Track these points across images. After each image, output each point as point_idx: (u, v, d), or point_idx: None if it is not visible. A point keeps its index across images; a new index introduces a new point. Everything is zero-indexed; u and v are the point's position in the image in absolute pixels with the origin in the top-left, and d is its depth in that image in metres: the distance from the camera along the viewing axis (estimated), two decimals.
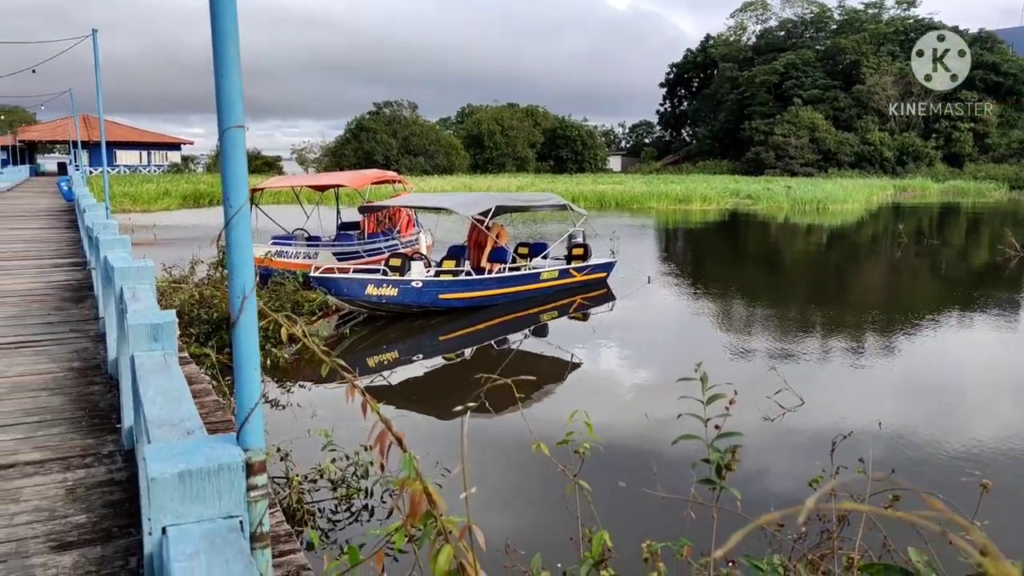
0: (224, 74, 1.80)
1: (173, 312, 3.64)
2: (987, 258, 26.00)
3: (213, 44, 1.79)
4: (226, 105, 1.81)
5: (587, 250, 18.17)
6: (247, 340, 1.88)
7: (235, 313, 1.85)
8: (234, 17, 1.80)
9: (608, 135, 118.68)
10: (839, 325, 14.72)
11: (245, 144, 1.85)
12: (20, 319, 9.06)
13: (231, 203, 1.83)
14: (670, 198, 48.13)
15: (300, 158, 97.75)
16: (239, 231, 1.85)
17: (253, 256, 1.89)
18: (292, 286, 12.01)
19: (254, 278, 1.87)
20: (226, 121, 1.82)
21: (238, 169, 1.84)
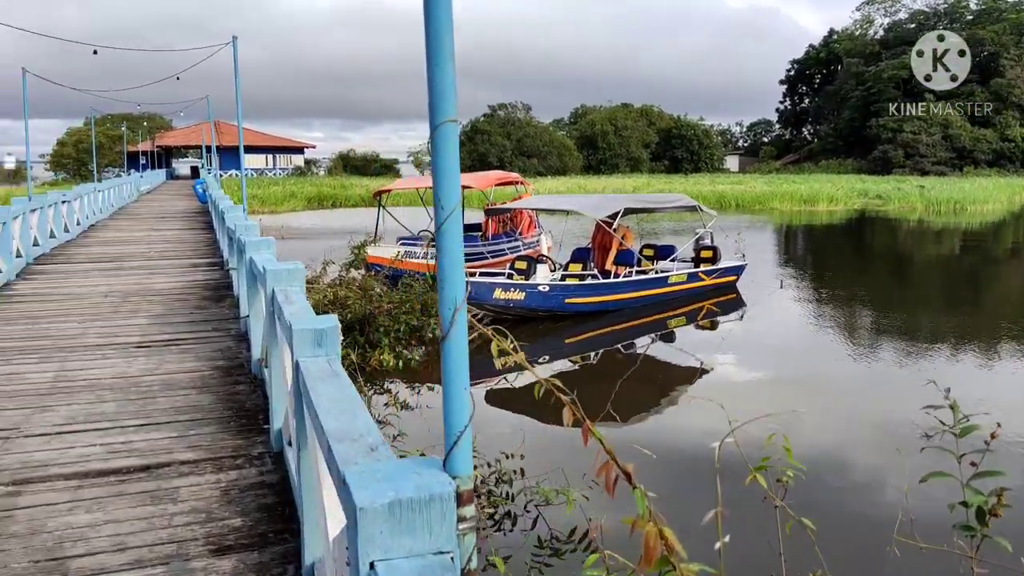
0: (438, 66, 1.64)
1: (335, 317, 3.56)
2: None
3: (426, 36, 1.64)
4: (439, 98, 1.65)
5: (716, 252, 17.58)
6: (457, 356, 1.71)
7: (445, 326, 1.69)
8: (449, 8, 1.63)
9: (725, 134, 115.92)
10: (998, 335, 13.68)
11: (457, 141, 1.68)
12: (166, 317, 9.40)
13: (443, 205, 1.66)
14: (794, 199, 46.42)
15: (416, 161, 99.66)
16: (450, 236, 1.68)
17: (463, 264, 1.72)
18: (422, 288, 12.06)
19: (465, 288, 1.70)
20: (439, 116, 1.65)
21: (450, 167, 1.67)
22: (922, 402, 7.97)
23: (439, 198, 1.67)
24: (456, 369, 1.71)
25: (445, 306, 1.70)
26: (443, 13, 1.63)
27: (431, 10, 1.63)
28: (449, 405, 1.72)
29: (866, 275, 22.31)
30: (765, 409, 9.04)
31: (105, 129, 69.57)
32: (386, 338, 10.64)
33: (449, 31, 1.64)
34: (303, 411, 3.33)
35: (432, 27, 1.63)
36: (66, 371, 6.95)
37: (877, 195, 48.49)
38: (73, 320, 9.19)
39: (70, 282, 12.06)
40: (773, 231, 34.79)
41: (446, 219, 1.67)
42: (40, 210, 15.29)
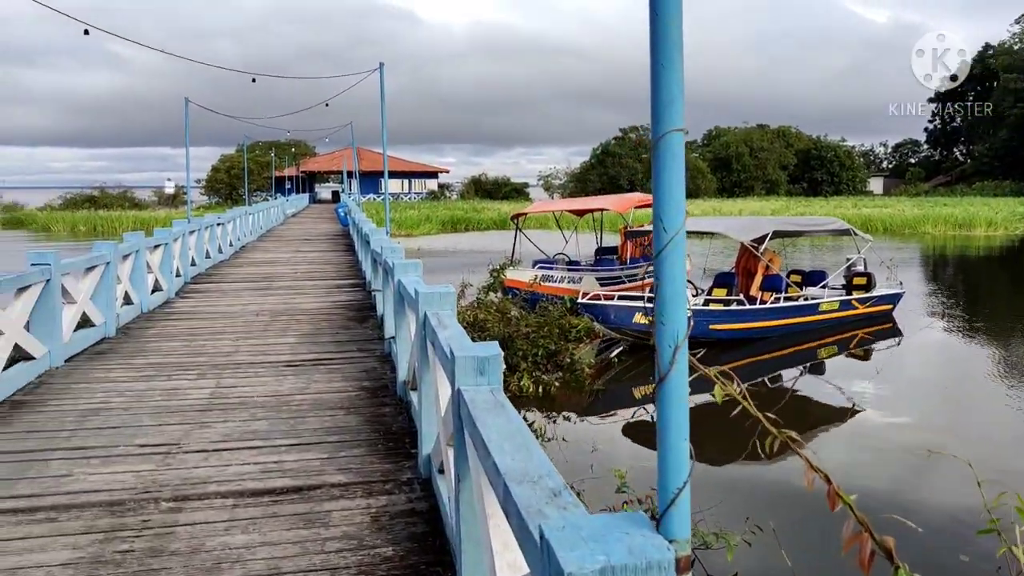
0: (664, 68, 1.44)
1: (496, 345, 3.40)
2: None
3: (652, 31, 1.44)
4: (664, 105, 1.44)
5: (871, 279, 16.54)
6: (677, 401, 1.48)
7: (664, 366, 1.46)
8: (679, 9, 1.42)
9: (867, 155, 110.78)
10: None
11: (683, 153, 1.46)
12: (313, 337, 9.60)
13: (665, 226, 1.44)
14: (948, 223, 43.61)
15: (546, 184, 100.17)
16: (671, 264, 1.46)
17: (686, 296, 1.49)
18: (559, 312, 11.90)
19: (687, 323, 1.47)
20: (663, 124, 1.45)
21: (674, 184, 1.46)
22: None
23: (660, 219, 1.46)
24: (675, 417, 1.48)
25: (663, 342, 1.48)
26: (672, 10, 1.42)
27: (658, 10, 1.42)
28: (666, 458, 1.49)
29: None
30: (923, 455, 8.32)
31: (255, 155, 73.55)
32: (524, 362, 10.50)
33: (678, 25, 1.43)
34: (463, 441, 3.18)
35: (660, 20, 1.43)
36: (221, 388, 7.14)
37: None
38: (227, 338, 9.51)
39: (223, 301, 12.58)
40: (926, 257, 32.73)
41: (668, 243, 1.45)
42: (197, 232, 16.12)
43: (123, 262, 10.51)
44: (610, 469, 5.87)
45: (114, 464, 5.19)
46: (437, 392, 4.65)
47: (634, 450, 9.03)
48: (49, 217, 57.13)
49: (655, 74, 1.44)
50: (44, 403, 6.70)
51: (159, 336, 9.67)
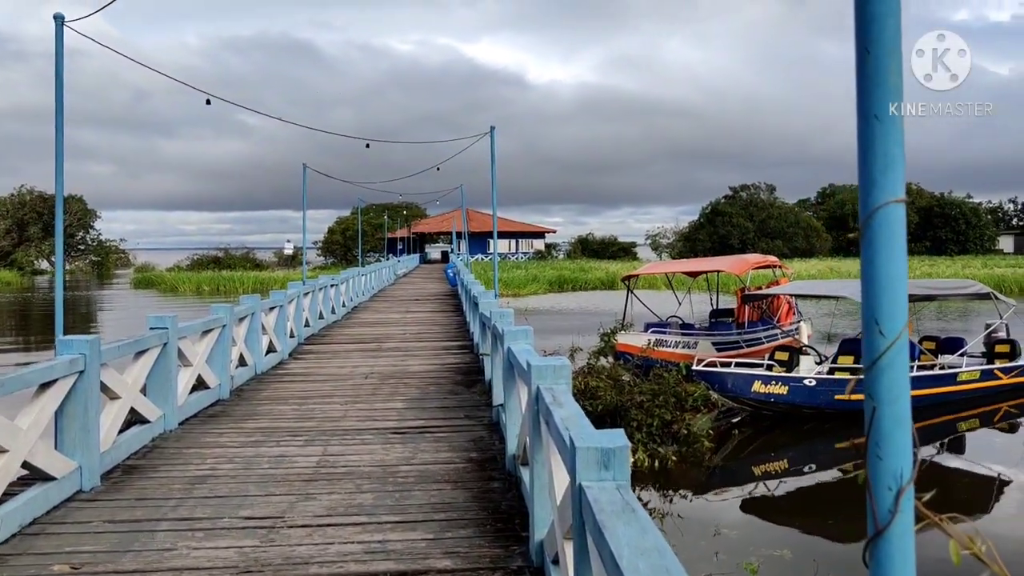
0: (881, 123, 1.09)
1: (623, 434, 3.04)
2: None
3: (860, 84, 1.12)
4: (879, 171, 1.11)
5: (1015, 347, 15.22)
6: (901, 563, 1.10)
7: (882, 516, 1.10)
8: (897, 46, 1.09)
9: (995, 212, 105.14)
10: None
11: (904, 230, 1.11)
12: (421, 402, 9.42)
13: (883, 329, 1.09)
14: None
15: (654, 243, 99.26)
16: (892, 377, 1.10)
17: (911, 421, 1.12)
18: (674, 378, 11.38)
19: (915, 459, 1.10)
20: (877, 195, 1.10)
21: (893, 270, 1.11)
22: None
23: (876, 320, 1.11)
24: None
25: (881, 483, 1.11)
26: (888, 40, 1.09)
27: (871, 45, 1.09)
28: None
29: None
30: None
31: (368, 218, 75.87)
32: (638, 433, 10.01)
33: (897, 66, 1.09)
34: (585, 546, 2.82)
35: (872, 61, 1.09)
36: (329, 456, 6.99)
37: None
38: (336, 401, 9.44)
39: (334, 362, 12.63)
40: None
41: (886, 351, 1.10)
42: (311, 293, 16.40)
43: (239, 324, 10.66)
44: (739, 563, 5.32)
45: (218, 538, 5.04)
46: (551, 474, 4.30)
47: (758, 533, 8.36)
48: (176, 277, 60.15)
49: (865, 131, 1.11)
50: (155, 468, 6.69)
51: (271, 399, 9.69)
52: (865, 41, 1.10)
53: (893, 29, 1.08)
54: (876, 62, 1.09)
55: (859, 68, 1.11)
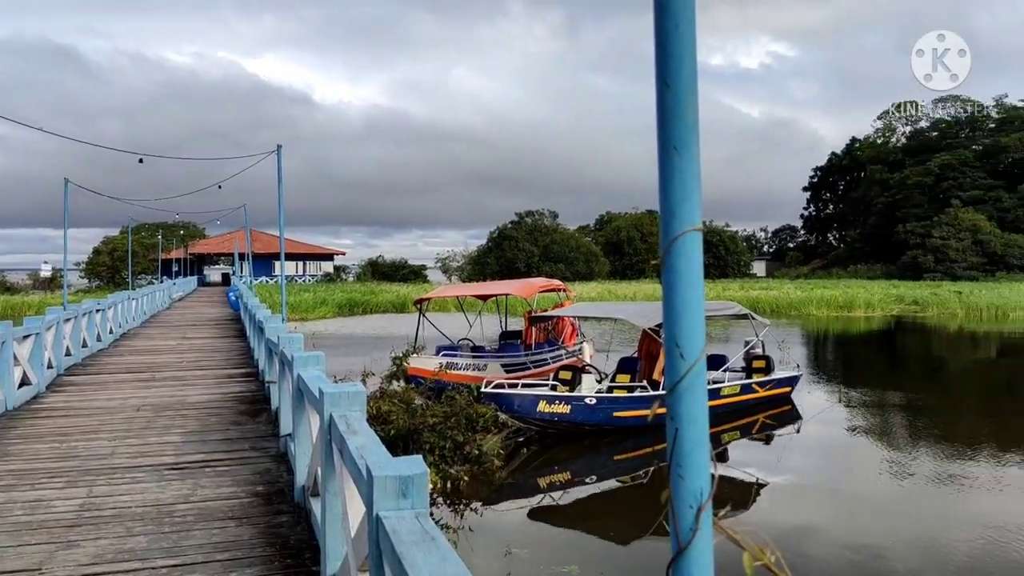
0: (680, 155, 1.14)
1: (421, 460, 2.99)
2: None
3: (661, 116, 1.16)
4: (678, 200, 1.16)
5: (769, 362, 16.80)
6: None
7: (684, 534, 1.13)
8: (694, 83, 1.15)
9: (750, 240, 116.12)
10: None
11: (700, 257, 1.17)
12: (201, 434, 8.86)
13: (683, 352, 1.14)
14: (830, 305, 45.60)
15: (444, 266, 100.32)
16: (692, 399, 1.15)
17: (708, 443, 1.18)
18: (465, 400, 11.47)
19: (713, 478, 1.16)
20: (678, 223, 1.15)
21: (690, 295, 1.16)
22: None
23: (677, 342, 1.15)
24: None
25: (682, 502, 1.15)
26: (686, 77, 1.14)
27: (671, 82, 1.14)
28: None
29: (926, 389, 21.34)
30: (829, 542, 8.20)
31: (140, 237, 70.90)
32: (431, 455, 9.99)
33: (693, 102, 1.15)
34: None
35: (671, 95, 1.14)
36: (94, 497, 6.39)
37: (914, 301, 47.57)
38: (103, 437, 8.67)
39: (101, 394, 11.60)
40: (816, 338, 33.95)
41: (687, 374, 1.14)
42: (74, 319, 15.01)
43: None
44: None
45: None
46: (345, 505, 4.17)
47: (547, 550, 8.57)
48: None
49: (665, 162, 1.15)
50: None
51: (24, 437, 8.72)
52: (665, 76, 1.14)
53: (690, 65, 1.14)
54: (675, 96, 1.14)
55: (659, 102, 1.16)
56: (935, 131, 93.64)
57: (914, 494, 10.75)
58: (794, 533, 8.96)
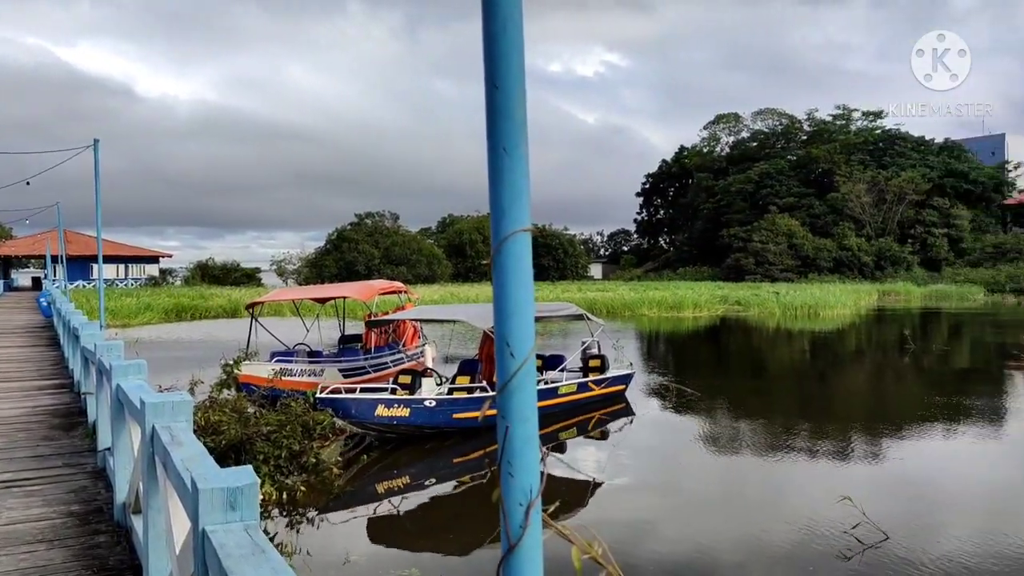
0: (509, 156, 1.15)
1: (251, 470, 2.87)
2: (1001, 361, 25.65)
3: (491, 118, 1.16)
4: (508, 201, 1.16)
5: (604, 361, 17.38)
6: (532, 574, 1.16)
7: (514, 531, 1.14)
8: (522, 83, 1.16)
9: (587, 243, 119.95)
10: (900, 442, 13.94)
11: (530, 257, 1.18)
12: (8, 451, 8.15)
13: (513, 351, 1.14)
14: (661, 305, 47.80)
15: (279, 270, 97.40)
16: (522, 398, 1.16)
17: (538, 440, 1.19)
18: (301, 407, 11.14)
19: (542, 476, 1.17)
20: (507, 224, 1.16)
21: (521, 295, 1.17)
22: (830, 515, 7.72)
23: (507, 341, 1.15)
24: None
25: (512, 499, 1.15)
26: (514, 78, 1.14)
27: (499, 83, 1.14)
28: None
29: (748, 383, 22.77)
30: (656, 527, 8.60)
31: None
32: (265, 466, 9.63)
33: (522, 103, 1.15)
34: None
35: (501, 96, 1.14)
36: None
37: (737, 301, 50.67)
38: None
39: None
40: (648, 337, 35.46)
41: (516, 373, 1.14)
42: None
43: None
44: None
45: None
46: (170, 521, 3.93)
47: (386, 556, 8.47)
48: None
49: (495, 163, 1.15)
50: None
51: None
52: (494, 78, 1.15)
53: (518, 67, 1.14)
54: (504, 98, 1.14)
55: (488, 103, 1.16)
56: (755, 142, 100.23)
57: (738, 485, 11.43)
58: (627, 528, 9.30)
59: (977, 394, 19.35)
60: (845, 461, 12.48)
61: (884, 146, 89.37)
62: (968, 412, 16.32)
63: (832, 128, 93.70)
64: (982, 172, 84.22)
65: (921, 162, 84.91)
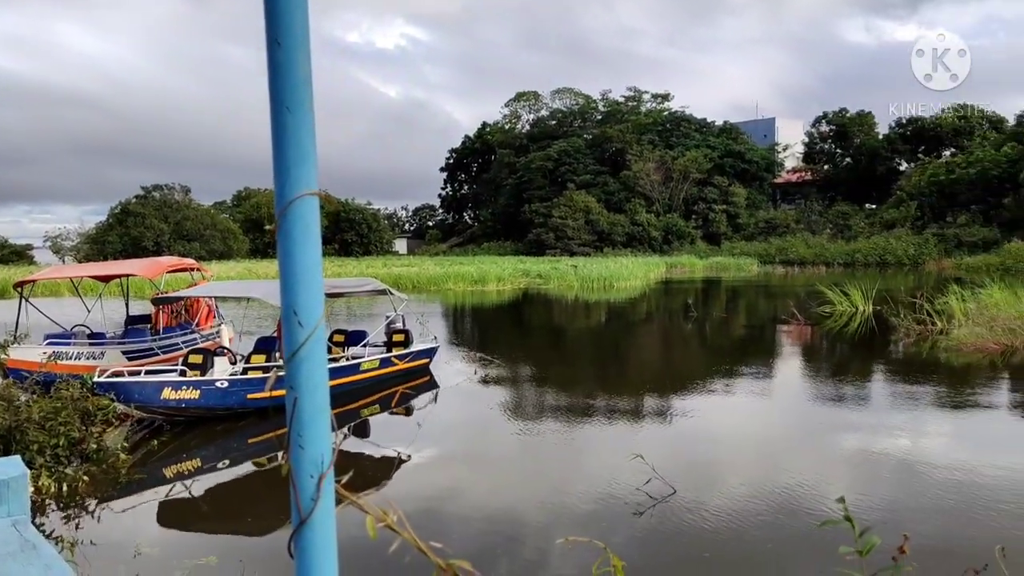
0: (292, 114, 1.11)
1: (19, 460, 2.62)
2: (772, 326, 28.16)
3: (273, 75, 1.12)
4: (293, 162, 1.12)
5: (408, 336, 17.35)
6: (324, 548, 1.14)
7: (305, 504, 1.12)
8: (306, 36, 1.12)
9: (392, 218, 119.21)
10: (685, 402, 14.94)
11: (319, 224, 1.15)
12: None
13: (301, 320, 1.12)
14: (466, 280, 48.45)
15: (55, 246, 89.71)
16: (311, 366, 1.14)
17: (329, 410, 1.17)
18: (78, 392, 10.30)
19: (334, 448, 1.15)
20: (292, 187, 1.12)
21: (308, 263, 1.14)
22: (623, 473, 8.21)
23: (295, 310, 1.11)
24: (324, 570, 1.14)
25: (303, 472, 1.13)
26: (297, 33, 1.10)
27: (281, 39, 1.10)
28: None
29: (548, 349, 23.62)
30: (464, 500, 8.81)
31: None
32: (41, 457, 8.86)
33: (306, 58, 1.12)
34: None
35: (283, 52, 1.10)
36: None
37: (538, 274, 52.33)
38: None
39: None
40: (451, 311, 35.86)
41: (305, 343, 1.11)
42: None
43: None
44: None
45: None
46: None
47: (181, 544, 8.06)
48: None
49: (278, 123, 1.11)
50: None
51: None
52: (275, 33, 1.10)
53: (302, 21, 1.10)
54: (287, 54, 1.10)
55: (270, 60, 1.11)
56: (553, 120, 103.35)
57: (541, 451, 11.85)
58: (434, 498, 9.41)
59: (752, 355, 21.22)
60: (638, 422, 13.27)
61: (671, 127, 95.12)
62: (744, 373, 17.85)
63: (624, 109, 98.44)
64: (756, 153, 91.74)
65: (703, 143, 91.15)
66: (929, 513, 8.33)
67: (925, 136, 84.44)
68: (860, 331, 24.75)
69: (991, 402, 14.56)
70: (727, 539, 7.62)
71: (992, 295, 23.94)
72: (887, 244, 70.29)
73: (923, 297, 23.27)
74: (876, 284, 33.69)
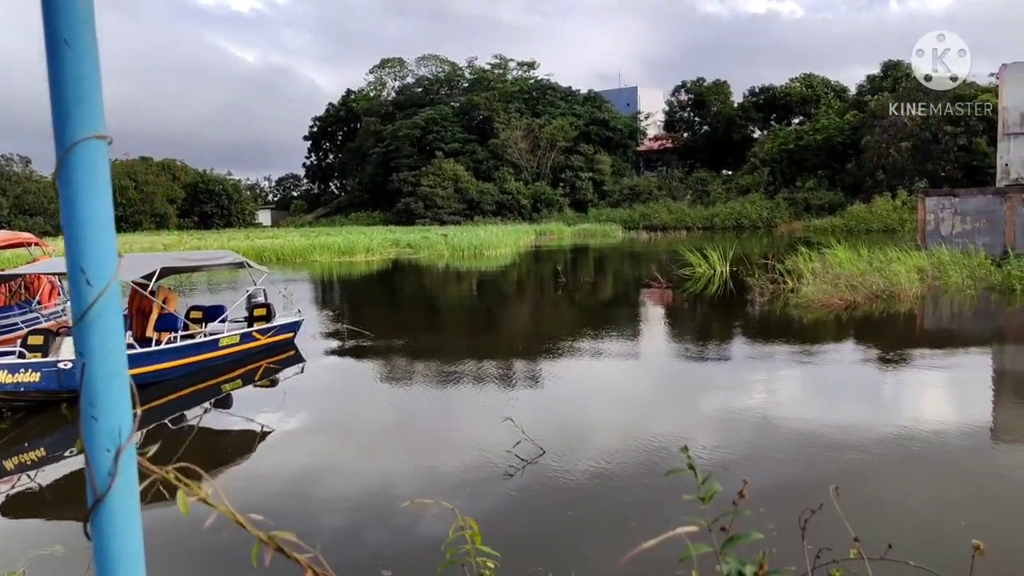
0: (71, 48, 1.00)
1: None
2: (637, 290, 29.03)
3: (47, 4, 0.99)
4: (73, 103, 1.01)
5: (270, 310, 16.76)
6: (126, 529, 1.05)
7: (101, 481, 1.03)
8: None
9: (254, 189, 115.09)
10: (554, 365, 15.14)
11: (108, 171, 1.05)
12: None
13: (90, 278, 1.01)
14: (333, 251, 47.45)
15: None
16: (103, 330, 1.03)
17: (127, 374, 1.07)
18: None
19: (134, 417, 1.06)
20: (74, 130, 1.01)
21: (97, 214, 1.03)
22: (500, 434, 8.28)
23: (81, 266, 1.01)
24: (126, 551, 1.04)
25: (97, 446, 1.03)
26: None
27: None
28: None
29: (419, 318, 23.50)
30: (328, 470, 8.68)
31: None
32: None
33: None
34: None
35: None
36: None
37: (408, 244, 51.86)
38: None
39: None
40: (320, 284, 35.08)
41: (95, 302, 1.01)
42: None
43: None
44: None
45: None
46: None
47: (25, 535, 7.56)
48: None
49: (55, 59, 0.99)
50: None
51: None
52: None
53: None
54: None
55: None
56: (420, 87, 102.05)
57: (413, 419, 11.78)
58: (300, 472, 9.21)
59: (617, 319, 21.83)
60: (510, 387, 13.41)
61: (537, 95, 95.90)
62: (610, 336, 18.34)
63: (491, 77, 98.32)
64: (620, 121, 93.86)
65: (569, 111, 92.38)
66: (774, 462, 8.82)
67: (776, 104, 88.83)
68: (718, 292, 25.89)
69: (836, 357, 15.57)
70: (590, 496, 7.82)
71: (836, 255, 25.51)
72: (742, 208, 73.76)
73: (775, 258, 24.56)
74: (733, 247, 35.29)
